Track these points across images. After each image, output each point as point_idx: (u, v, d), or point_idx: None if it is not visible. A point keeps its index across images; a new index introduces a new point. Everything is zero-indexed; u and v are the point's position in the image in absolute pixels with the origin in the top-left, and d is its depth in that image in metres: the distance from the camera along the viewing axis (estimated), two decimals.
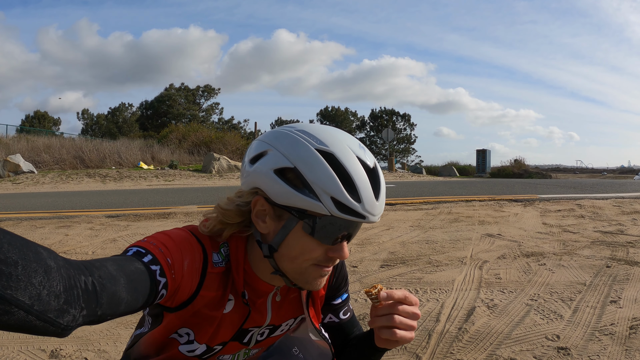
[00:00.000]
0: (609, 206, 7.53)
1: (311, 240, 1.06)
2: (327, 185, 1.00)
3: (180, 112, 52.40)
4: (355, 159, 1.03)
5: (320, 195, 1.00)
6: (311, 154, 1.02)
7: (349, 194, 1.00)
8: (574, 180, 22.23)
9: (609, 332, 2.66)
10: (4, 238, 0.63)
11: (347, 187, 1.00)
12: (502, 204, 8.13)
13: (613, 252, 4.43)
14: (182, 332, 1.18)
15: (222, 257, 1.15)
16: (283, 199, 1.04)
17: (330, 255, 1.08)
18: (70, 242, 5.17)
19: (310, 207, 1.01)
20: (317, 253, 1.07)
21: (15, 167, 18.31)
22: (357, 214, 1.01)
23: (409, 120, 60.47)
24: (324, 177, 1.00)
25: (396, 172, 28.82)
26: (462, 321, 2.89)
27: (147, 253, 0.98)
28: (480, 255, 4.47)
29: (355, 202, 1.00)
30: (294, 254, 1.08)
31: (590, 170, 53.88)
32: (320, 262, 1.09)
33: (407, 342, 1.15)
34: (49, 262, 0.68)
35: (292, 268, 1.11)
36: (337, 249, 1.07)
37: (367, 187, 1.02)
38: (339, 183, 1.00)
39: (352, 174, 1.01)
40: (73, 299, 0.71)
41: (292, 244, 1.07)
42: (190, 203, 8.99)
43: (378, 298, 1.14)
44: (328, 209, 1.00)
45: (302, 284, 1.13)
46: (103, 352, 2.57)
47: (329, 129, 1.09)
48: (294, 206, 1.03)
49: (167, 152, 25.47)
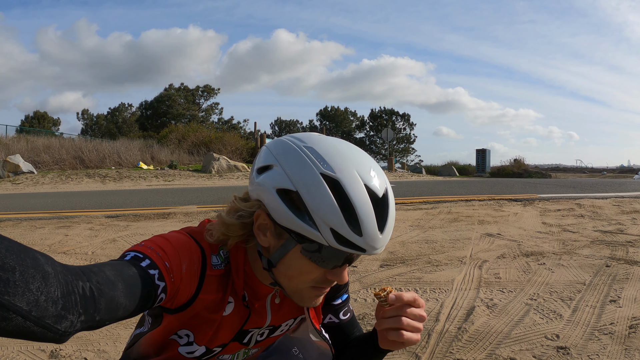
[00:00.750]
0: (609, 205, 7.53)
1: (309, 263, 1.04)
2: (328, 216, 0.95)
3: (179, 112, 52.35)
4: (363, 188, 0.98)
5: (319, 225, 0.96)
6: (315, 179, 0.97)
7: (350, 226, 0.96)
8: (573, 179, 22.23)
9: (608, 332, 2.66)
10: (2, 244, 0.62)
11: (349, 219, 0.96)
12: (501, 203, 8.13)
13: (613, 252, 4.43)
14: (181, 334, 1.17)
15: (222, 259, 1.14)
16: (283, 220, 1.00)
17: (329, 278, 1.07)
18: (70, 243, 5.16)
19: (308, 234, 0.98)
20: (314, 275, 1.06)
21: (15, 168, 18.29)
22: (356, 247, 0.98)
23: (409, 120, 60.49)
24: (325, 207, 0.96)
25: (396, 172, 28.81)
26: (462, 321, 2.89)
27: (145, 257, 0.98)
28: (479, 254, 4.48)
29: (356, 235, 0.96)
30: (291, 274, 1.06)
31: (590, 170, 53.90)
32: (317, 284, 1.09)
33: (413, 344, 1.14)
34: (47, 267, 0.68)
35: (289, 286, 1.10)
36: (336, 272, 1.06)
37: (371, 221, 0.97)
38: (340, 215, 0.95)
39: (356, 205, 0.96)
40: (71, 304, 0.71)
41: (290, 263, 1.05)
42: (190, 203, 8.99)
43: (387, 300, 1.13)
44: (326, 240, 0.96)
45: (298, 301, 1.13)
46: (103, 352, 2.57)
47: (340, 148, 1.04)
48: (293, 229, 1.00)
49: (167, 152, 25.44)
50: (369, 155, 1.06)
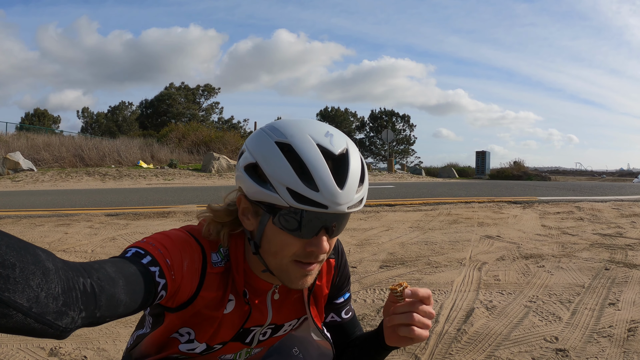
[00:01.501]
0: (608, 209, 7.54)
1: (286, 235, 1.05)
2: (282, 177, 0.99)
3: (180, 111, 52.29)
4: (315, 148, 1.01)
5: (277, 187, 1.00)
6: (269, 147, 1.03)
7: (305, 183, 0.98)
8: (573, 182, 22.24)
9: (607, 334, 2.67)
10: (2, 240, 0.62)
11: (303, 177, 0.98)
12: (501, 205, 8.13)
13: (612, 255, 4.43)
14: (182, 332, 1.18)
15: (222, 256, 1.15)
16: (252, 195, 1.05)
17: (309, 250, 1.05)
18: (69, 241, 5.16)
19: (271, 200, 1.01)
20: (294, 248, 1.06)
21: (15, 165, 18.28)
22: (316, 204, 0.99)
23: (409, 121, 60.42)
24: (279, 169, 1.00)
25: (395, 173, 28.82)
26: (461, 322, 2.90)
27: (146, 254, 0.99)
28: (479, 256, 4.48)
29: (312, 191, 0.98)
30: (273, 250, 1.08)
31: (590, 173, 53.91)
32: (300, 258, 1.07)
33: (422, 340, 1.14)
34: (47, 264, 0.68)
35: (275, 265, 1.10)
36: (314, 242, 1.05)
37: (326, 176, 0.99)
38: (293, 173, 0.99)
39: (308, 161, 0.99)
40: (72, 301, 0.71)
41: (270, 239, 1.07)
42: (190, 202, 8.99)
43: (402, 296, 1.14)
44: (285, 201, 0.99)
45: (286, 282, 1.11)
46: (102, 350, 2.58)
47: (297, 121, 1.08)
48: (262, 201, 1.04)
49: (167, 151, 25.43)
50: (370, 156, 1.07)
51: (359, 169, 1.05)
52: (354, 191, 1.03)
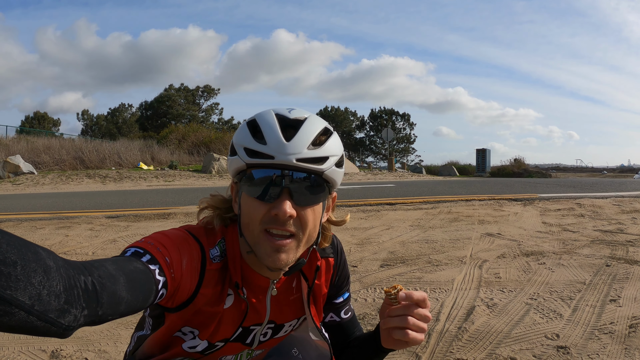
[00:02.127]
0: (609, 205, 7.54)
1: (253, 200, 1.11)
2: (240, 140, 1.14)
3: (180, 113, 52.33)
4: (271, 115, 1.13)
5: (238, 150, 1.14)
6: (242, 125, 1.18)
7: (255, 139, 1.11)
8: (573, 179, 22.22)
9: (608, 331, 2.67)
10: (3, 238, 0.62)
11: (255, 135, 1.12)
12: (501, 203, 8.13)
13: (613, 251, 4.43)
14: (185, 331, 1.19)
15: (220, 251, 1.17)
16: (230, 171, 1.20)
17: (273, 214, 1.08)
18: (70, 243, 5.17)
19: (236, 164, 1.15)
20: (260, 213, 1.10)
21: (15, 168, 18.30)
22: (264, 155, 1.09)
23: (409, 119, 60.46)
24: (239, 135, 1.15)
25: (396, 172, 28.81)
26: (462, 320, 2.89)
27: (145, 253, 0.99)
28: (480, 254, 4.48)
29: (261, 144, 1.09)
30: (246, 221, 1.13)
31: (590, 169, 53.81)
32: (267, 225, 1.09)
33: (417, 344, 1.14)
34: (48, 262, 0.67)
35: (250, 238, 1.13)
36: (276, 205, 1.08)
37: (274, 131, 1.09)
38: (248, 134, 1.12)
39: (261, 124, 1.12)
40: (74, 298, 0.70)
41: (244, 210, 1.14)
42: (190, 203, 8.99)
43: (397, 299, 1.14)
44: (241, 158, 1.12)
45: (260, 256, 1.12)
46: (103, 352, 2.58)
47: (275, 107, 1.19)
48: (234, 172, 1.18)
49: (167, 152, 25.47)
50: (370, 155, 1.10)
51: (314, 131, 1.12)
52: (304, 146, 1.09)
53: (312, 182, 1.11)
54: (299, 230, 1.11)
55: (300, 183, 1.09)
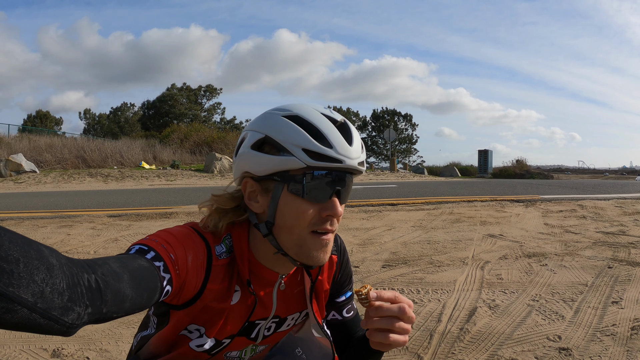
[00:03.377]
0: (611, 207, 7.52)
1: (301, 201, 1.08)
2: (297, 140, 1.05)
3: (182, 112, 52.29)
4: (321, 115, 1.10)
5: (293, 150, 1.04)
6: (278, 119, 1.09)
7: (319, 141, 1.05)
8: (575, 181, 22.20)
9: (610, 333, 2.66)
10: (5, 236, 0.62)
11: (316, 137, 1.05)
12: (503, 204, 8.12)
13: (615, 253, 4.42)
14: (192, 329, 1.18)
15: (226, 247, 1.16)
16: (264, 169, 1.09)
17: (324, 215, 1.08)
18: (72, 242, 5.17)
19: (287, 165, 1.05)
20: (310, 215, 1.08)
21: (17, 167, 18.34)
22: (331, 159, 1.05)
23: (411, 120, 60.30)
24: (293, 134, 1.05)
25: (398, 173, 28.79)
26: (464, 321, 2.89)
27: (149, 250, 0.99)
28: (481, 255, 4.47)
29: (326, 147, 1.05)
30: (290, 223, 1.09)
31: (592, 171, 53.80)
32: (316, 226, 1.09)
33: (400, 346, 1.14)
34: (51, 259, 0.67)
35: (292, 240, 1.11)
36: (329, 206, 1.08)
37: (337, 134, 1.07)
38: (307, 135, 1.05)
39: (318, 125, 1.07)
40: (77, 296, 0.70)
41: (285, 211, 1.09)
42: (192, 203, 8.99)
43: (368, 298, 1.13)
44: (302, 160, 1.04)
45: (306, 258, 1.12)
46: (105, 351, 2.58)
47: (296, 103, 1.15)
48: (275, 171, 1.08)
49: (169, 152, 25.49)
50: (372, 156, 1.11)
51: (359, 135, 1.15)
52: (360, 150, 1.11)
53: (352, 181, 1.15)
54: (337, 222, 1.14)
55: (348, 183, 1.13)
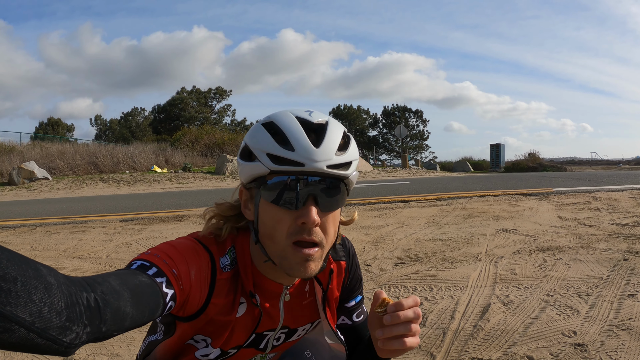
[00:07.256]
0: (625, 198, 7.43)
1: (275, 208, 1.07)
2: (262, 145, 1.07)
3: (192, 115, 52.63)
4: (292, 118, 1.08)
5: (259, 156, 1.07)
6: (256, 127, 1.12)
7: (282, 145, 1.05)
8: (589, 172, 21.99)
9: (626, 327, 2.62)
10: (2, 254, 0.61)
11: (280, 141, 1.06)
12: (516, 198, 8.05)
13: (630, 245, 4.36)
14: (198, 339, 1.17)
15: (230, 259, 1.15)
16: (245, 177, 1.13)
17: (299, 223, 1.05)
18: (84, 247, 5.20)
19: (256, 171, 1.08)
20: (286, 223, 1.06)
21: (30, 174, 18.48)
22: (292, 163, 1.04)
23: (422, 116, 60.22)
24: (260, 140, 1.08)
25: (410, 169, 28.72)
26: (477, 318, 2.86)
27: (151, 266, 0.97)
28: (495, 250, 4.43)
29: (288, 151, 1.04)
30: (269, 231, 1.08)
31: (606, 162, 53.24)
32: (295, 235, 1.06)
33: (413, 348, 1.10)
34: (49, 278, 0.66)
35: (275, 250, 1.09)
36: (303, 213, 1.05)
37: (301, 137, 1.05)
38: (271, 139, 1.06)
39: (284, 129, 1.06)
40: (75, 315, 0.69)
41: (264, 218, 1.09)
42: (204, 205, 8.99)
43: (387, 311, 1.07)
44: (266, 165, 1.05)
45: (288, 269, 1.09)
46: (116, 355, 2.58)
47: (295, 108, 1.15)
48: (251, 178, 1.11)
49: (181, 155, 25.58)
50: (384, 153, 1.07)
51: (338, 136, 1.09)
52: (332, 152, 1.06)
53: (335, 187, 1.09)
54: (323, 237, 1.08)
55: (325, 189, 1.07)
